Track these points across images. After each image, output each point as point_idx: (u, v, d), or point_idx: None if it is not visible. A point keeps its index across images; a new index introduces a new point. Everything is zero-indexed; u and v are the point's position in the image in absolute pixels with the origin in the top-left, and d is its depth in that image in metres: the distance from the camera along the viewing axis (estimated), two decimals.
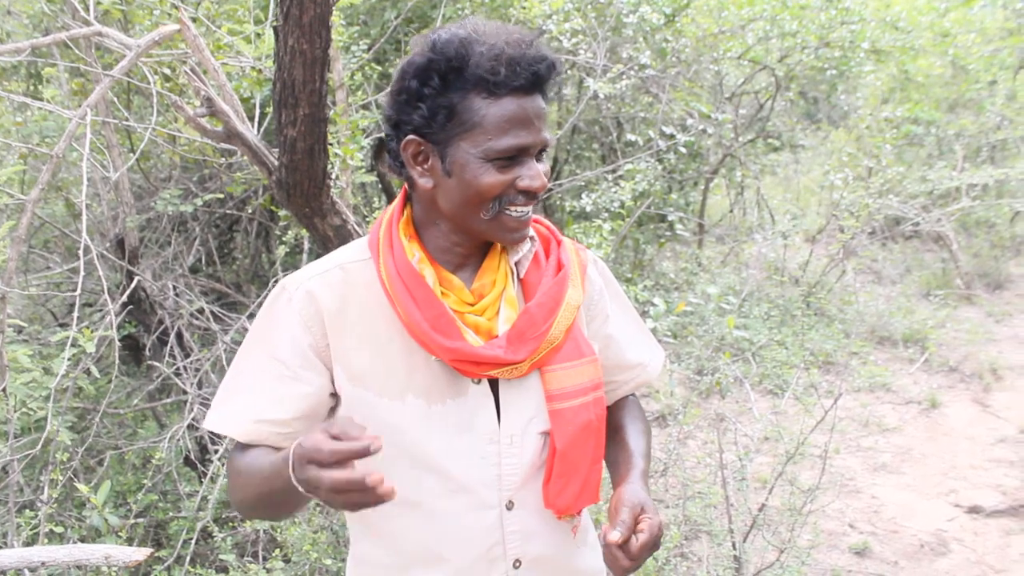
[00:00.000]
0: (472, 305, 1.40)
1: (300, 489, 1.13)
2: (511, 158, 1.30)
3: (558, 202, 6.79)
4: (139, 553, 1.90)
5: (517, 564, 1.45)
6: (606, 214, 5.06)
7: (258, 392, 1.40)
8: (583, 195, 5.27)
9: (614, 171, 5.89)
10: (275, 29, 2.35)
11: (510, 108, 1.28)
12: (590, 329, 1.53)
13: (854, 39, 7.38)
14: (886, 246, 8.37)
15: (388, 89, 1.40)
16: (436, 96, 1.29)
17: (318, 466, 1.07)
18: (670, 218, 7.17)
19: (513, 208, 1.33)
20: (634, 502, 1.36)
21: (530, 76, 1.28)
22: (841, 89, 8.88)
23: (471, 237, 1.40)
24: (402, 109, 1.33)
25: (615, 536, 1.29)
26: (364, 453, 1.06)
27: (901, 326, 6.58)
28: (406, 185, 1.44)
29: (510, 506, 1.43)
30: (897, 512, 4.25)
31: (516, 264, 1.46)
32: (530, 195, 1.33)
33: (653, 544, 1.32)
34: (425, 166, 1.35)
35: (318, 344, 1.39)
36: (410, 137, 1.34)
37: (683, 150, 6.82)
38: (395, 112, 1.35)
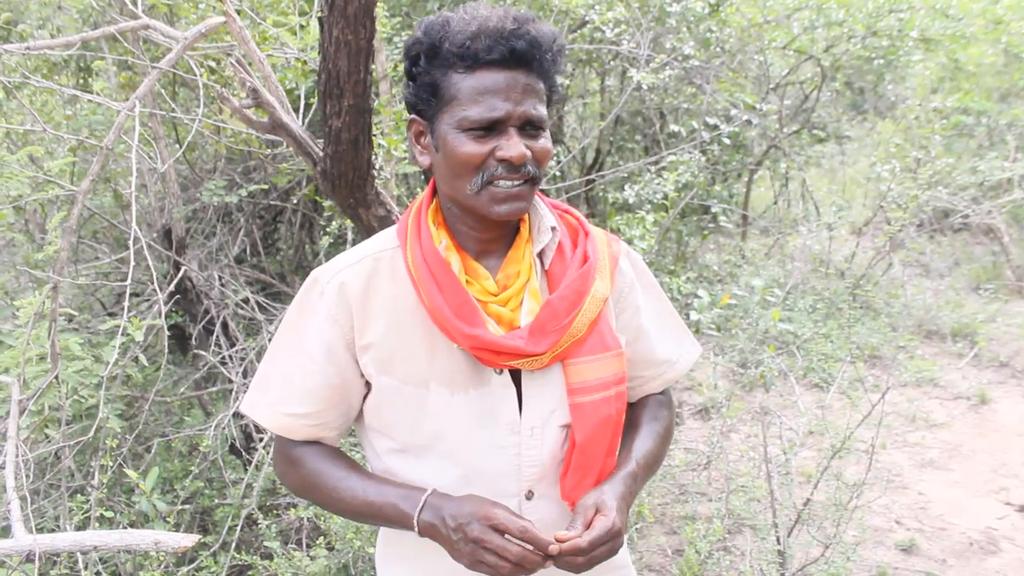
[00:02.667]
0: (496, 295, 1.41)
1: (416, 530, 1.35)
2: (487, 128, 1.32)
3: (601, 194, 6.76)
4: (187, 539, 1.92)
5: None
6: (649, 206, 5.02)
7: (288, 384, 1.45)
8: (626, 187, 5.23)
9: (657, 162, 5.84)
10: (320, 20, 2.35)
11: (484, 80, 1.30)
12: (619, 321, 1.52)
13: (903, 27, 7.23)
14: (934, 239, 8.21)
15: None
16: (423, 74, 1.35)
17: (499, 533, 1.27)
18: (713, 210, 7.10)
19: (498, 181, 1.33)
20: (588, 504, 1.35)
21: (506, 51, 1.29)
22: (888, 79, 8.71)
23: (479, 219, 1.40)
24: (405, 89, 1.41)
25: (562, 534, 1.30)
26: (546, 552, 1.28)
27: (949, 320, 6.46)
28: (429, 174, 1.47)
29: (529, 496, 1.44)
30: (945, 509, 4.17)
31: (541, 256, 1.46)
32: (511, 167, 1.32)
33: (606, 541, 1.30)
34: (424, 144, 1.41)
35: (346, 337, 1.41)
36: (412, 116, 1.40)
37: (727, 141, 6.75)
38: (404, 93, 1.42)
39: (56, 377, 2.68)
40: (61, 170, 3.66)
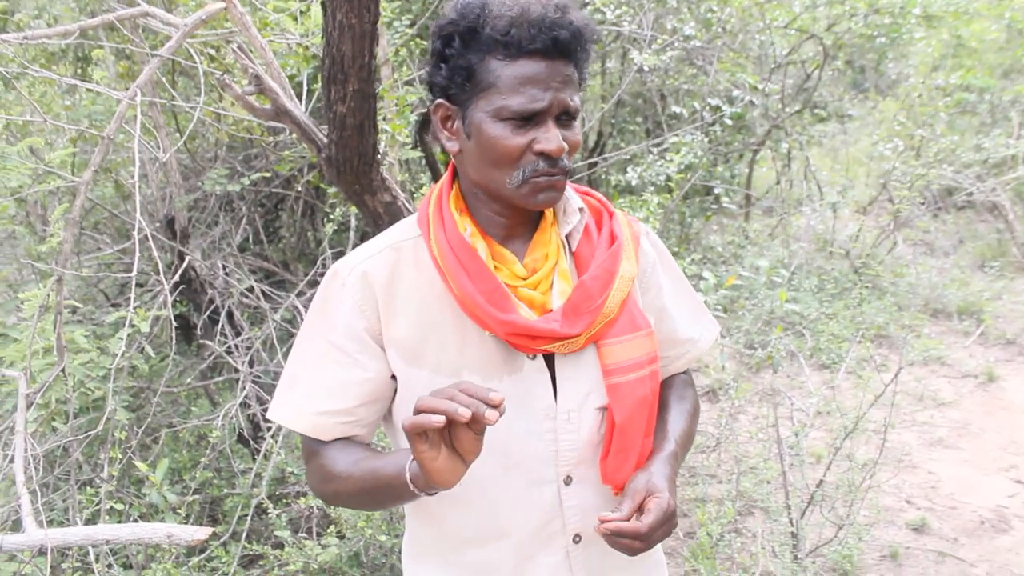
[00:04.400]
0: (525, 279, 1.38)
1: (415, 490, 1.20)
2: (527, 119, 1.28)
3: (603, 176, 6.73)
4: (200, 532, 1.91)
5: (577, 539, 1.44)
6: (652, 188, 5.00)
7: (318, 382, 1.40)
8: (628, 169, 5.20)
9: (659, 144, 5.81)
10: (323, 3, 2.32)
11: (525, 69, 1.27)
12: (644, 301, 1.50)
13: (905, 5, 7.19)
14: (938, 217, 8.18)
15: None
16: (457, 57, 1.30)
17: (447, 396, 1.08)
18: (717, 191, 7.07)
19: (539, 176, 1.31)
20: (639, 487, 1.33)
21: (549, 40, 1.26)
22: (891, 57, 8.66)
23: (507, 205, 1.38)
24: (432, 71, 1.35)
25: (608, 515, 1.28)
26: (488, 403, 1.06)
27: (955, 298, 6.43)
28: (453, 159, 1.42)
29: (568, 481, 1.42)
30: (955, 488, 4.16)
31: (567, 237, 1.44)
32: (549, 159, 1.30)
33: (664, 522, 1.29)
34: (452, 129, 1.36)
35: (372, 327, 1.38)
36: (439, 101, 1.35)
37: (729, 122, 6.71)
38: (429, 75, 1.36)
39: (63, 370, 2.66)
40: (62, 161, 3.63)
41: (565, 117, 1.32)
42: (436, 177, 5.14)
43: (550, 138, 1.28)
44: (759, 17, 7.15)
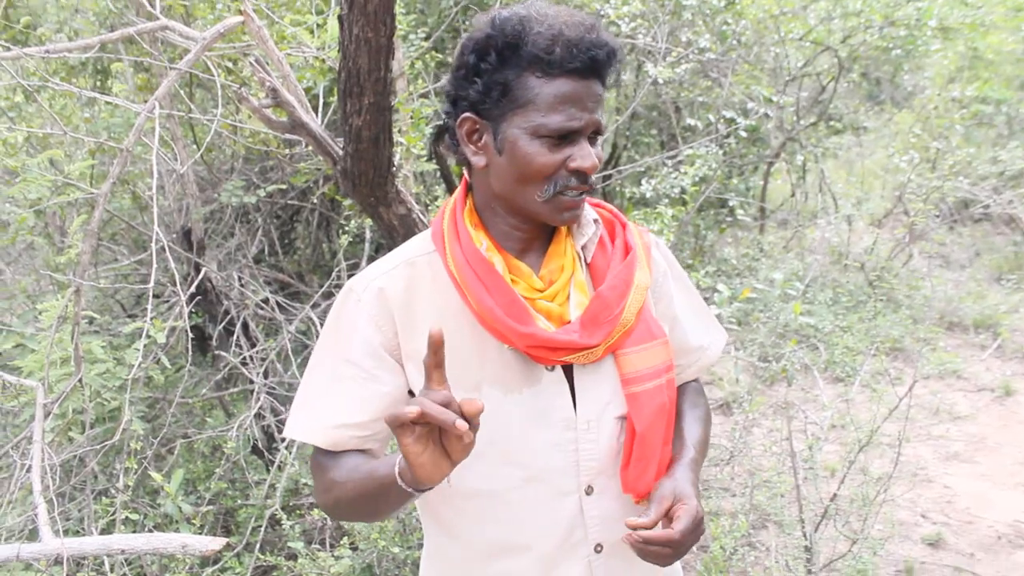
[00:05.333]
0: (542, 291, 1.39)
1: (402, 485, 1.18)
2: (562, 137, 1.30)
3: (617, 188, 6.73)
4: (215, 543, 1.92)
5: (599, 548, 1.44)
6: (666, 200, 5.00)
7: (335, 396, 1.40)
8: (643, 181, 5.20)
9: (674, 157, 5.81)
10: (340, 18, 2.34)
11: (564, 88, 1.28)
12: (657, 311, 1.51)
13: (921, 17, 7.17)
14: (954, 229, 8.14)
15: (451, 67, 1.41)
16: (492, 72, 1.30)
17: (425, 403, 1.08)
18: (731, 203, 7.06)
19: (568, 191, 1.32)
20: (665, 494, 1.35)
21: (587, 60, 1.27)
22: (906, 69, 8.63)
23: (526, 219, 1.39)
24: (460, 84, 1.35)
25: (635, 520, 1.29)
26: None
27: (972, 311, 6.40)
28: (466, 174, 1.43)
29: (589, 491, 1.42)
30: (971, 503, 4.13)
31: (582, 249, 1.45)
32: (582, 177, 1.32)
33: (694, 529, 1.31)
34: (479, 144, 1.36)
35: (389, 343, 1.39)
36: (466, 114, 1.35)
37: (744, 134, 6.71)
38: (454, 88, 1.36)
39: (80, 380, 2.68)
40: (81, 173, 3.67)
41: (595, 135, 1.34)
42: (451, 190, 5.16)
43: (585, 156, 1.31)
44: (774, 30, 7.16)
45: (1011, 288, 6.84)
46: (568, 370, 1.40)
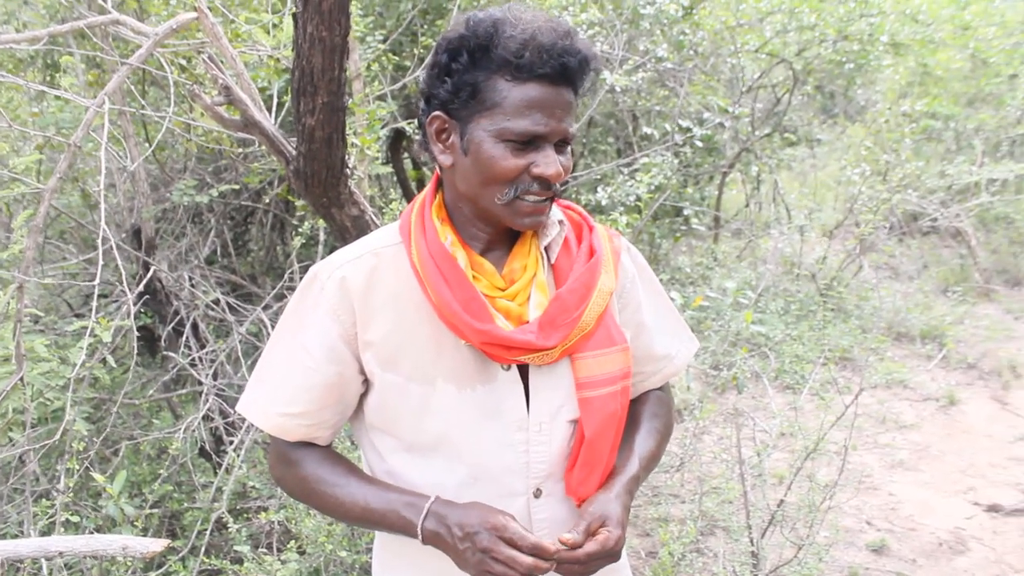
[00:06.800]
0: (503, 290, 1.39)
1: (420, 539, 1.33)
2: (527, 143, 1.30)
3: (573, 195, 6.75)
4: (156, 544, 1.88)
5: None
6: (622, 208, 5.03)
7: (285, 383, 1.43)
8: (598, 189, 5.24)
9: (630, 164, 5.85)
10: (294, 16, 2.32)
11: (532, 93, 1.28)
12: (622, 317, 1.52)
13: (873, 32, 7.31)
14: (903, 242, 8.29)
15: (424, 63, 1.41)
16: (463, 73, 1.30)
17: (509, 545, 1.26)
18: (686, 212, 7.12)
19: (528, 196, 1.32)
20: (596, 514, 1.35)
21: (558, 66, 1.27)
22: (859, 83, 8.79)
23: (489, 220, 1.39)
24: (432, 83, 1.35)
25: (566, 537, 1.30)
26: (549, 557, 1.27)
27: (919, 322, 6.52)
28: (438, 169, 1.44)
29: (538, 494, 1.43)
30: (915, 510, 4.20)
31: (547, 249, 1.45)
32: (544, 183, 1.32)
33: (603, 556, 1.31)
34: (447, 143, 1.36)
35: (347, 333, 1.39)
36: (436, 113, 1.35)
37: (699, 144, 6.77)
38: (427, 86, 1.37)
39: (21, 379, 2.62)
40: (27, 168, 3.59)
41: (562, 143, 1.34)
42: (407, 193, 5.14)
43: (549, 163, 1.31)
44: (730, 41, 7.24)
45: (957, 300, 6.99)
46: (524, 371, 1.41)
